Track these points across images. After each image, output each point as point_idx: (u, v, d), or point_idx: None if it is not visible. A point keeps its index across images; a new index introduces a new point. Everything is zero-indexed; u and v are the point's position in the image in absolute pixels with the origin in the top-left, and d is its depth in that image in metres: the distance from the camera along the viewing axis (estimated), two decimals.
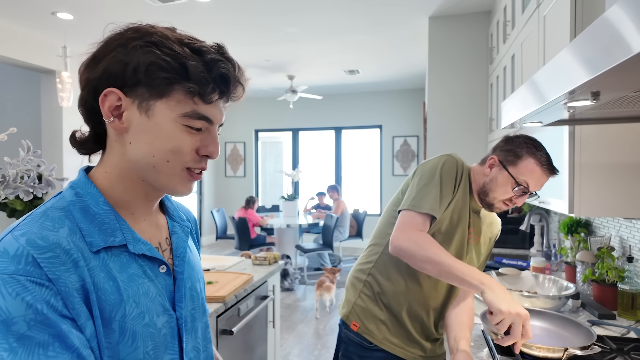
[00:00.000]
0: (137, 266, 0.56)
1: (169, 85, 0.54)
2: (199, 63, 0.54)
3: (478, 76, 3.43)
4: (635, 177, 1.36)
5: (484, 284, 0.96)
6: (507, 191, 1.12)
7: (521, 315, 0.91)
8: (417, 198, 1.10)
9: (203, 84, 0.54)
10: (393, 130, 6.79)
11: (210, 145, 0.58)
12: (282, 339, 3.25)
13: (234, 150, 7.69)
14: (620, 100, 0.90)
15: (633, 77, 0.66)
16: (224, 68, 0.55)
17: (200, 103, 0.55)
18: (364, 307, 1.22)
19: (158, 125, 0.54)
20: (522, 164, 1.10)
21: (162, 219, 0.66)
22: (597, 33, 0.64)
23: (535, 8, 1.87)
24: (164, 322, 0.57)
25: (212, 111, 0.57)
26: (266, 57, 4.92)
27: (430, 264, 1.01)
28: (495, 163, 1.15)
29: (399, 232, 1.08)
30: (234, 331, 1.62)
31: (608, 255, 1.56)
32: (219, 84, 0.55)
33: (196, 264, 0.68)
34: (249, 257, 2.41)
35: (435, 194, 1.09)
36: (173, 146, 0.55)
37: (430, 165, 1.15)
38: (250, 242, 4.99)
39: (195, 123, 0.56)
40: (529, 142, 1.13)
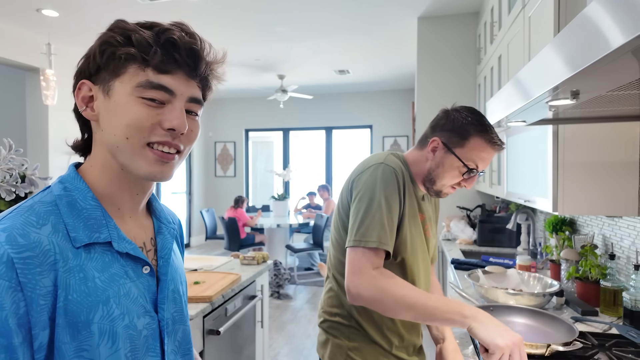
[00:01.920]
0: (119, 266, 0.55)
1: (119, 61, 0.54)
2: (147, 34, 0.54)
3: (466, 76, 3.47)
4: (616, 176, 1.39)
5: (467, 316, 0.86)
6: (456, 176, 1.01)
7: (517, 344, 0.82)
8: (362, 230, 0.93)
9: (149, 51, 0.53)
10: (383, 130, 6.82)
11: (173, 118, 0.55)
12: (271, 339, 3.24)
13: (224, 150, 7.64)
14: (600, 99, 0.91)
15: (611, 74, 0.67)
16: (174, 35, 0.54)
17: (152, 74, 0.54)
18: (361, 349, 1.05)
19: (116, 103, 0.54)
20: (470, 144, 0.98)
21: (148, 220, 0.65)
22: (577, 30, 0.64)
23: (521, 9, 1.89)
24: (144, 323, 0.56)
25: (170, 81, 0.55)
26: (256, 56, 4.90)
27: (403, 310, 0.89)
28: (438, 146, 1.02)
29: (354, 276, 0.92)
30: (221, 331, 1.61)
31: (591, 253, 1.59)
32: (168, 51, 0.54)
33: (179, 266, 0.67)
34: (238, 257, 2.40)
35: (381, 220, 0.94)
36: (129, 119, 0.53)
37: (367, 183, 0.98)
38: (240, 242, 4.97)
39: (150, 93, 0.54)
40: (473, 116, 1.00)
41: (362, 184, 0.99)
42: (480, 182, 3.08)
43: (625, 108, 1.13)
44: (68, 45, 4.31)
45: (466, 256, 2.60)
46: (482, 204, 3.03)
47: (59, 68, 3.47)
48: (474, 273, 1.71)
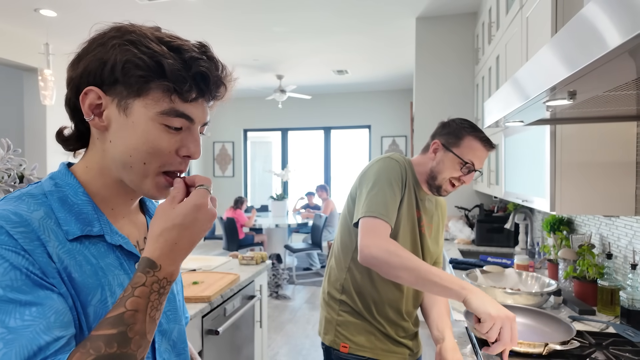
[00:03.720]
0: (114, 257, 0.56)
1: (145, 84, 0.53)
2: (177, 61, 0.54)
3: (464, 77, 3.47)
4: (613, 176, 1.39)
5: (465, 288, 0.92)
6: (455, 170, 1.17)
7: (510, 318, 0.87)
8: (374, 204, 1.08)
9: (180, 81, 0.53)
10: (382, 131, 6.83)
11: (191, 145, 0.57)
12: (270, 339, 3.24)
13: (223, 150, 7.64)
14: (596, 99, 0.92)
15: (608, 75, 0.68)
16: (203, 66, 0.55)
17: (178, 101, 0.55)
18: (348, 323, 1.19)
19: (135, 124, 0.54)
20: (464, 143, 1.17)
21: (141, 218, 0.65)
22: (574, 30, 0.65)
23: (519, 10, 1.90)
24: None
25: (192, 110, 0.56)
26: (254, 56, 4.90)
27: (406, 270, 0.97)
28: (438, 147, 1.20)
29: (367, 239, 1.04)
30: (220, 331, 1.61)
31: (589, 253, 1.59)
32: (197, 82, 0.55)
33: None
34: (237, 257, 2.40)
35: (386, 199, 1.09)
36: (150, 146, 0.54)
37: (374, 171, 1.15)
38: (238, 242, 4.97)
39: (174, 121, 0.55)
40: (465, 123, 1.20)
41: (369, 172, 1.16)
42: (479, 182, 3.09)
43: (622, 108, 1.13)
44: (66, 45, 4.31)
45: (464, 256, 2.60)
46: (480, 203, 3.04)
47: (57, 68, 3.46)
48: (472, 273, 1.72)
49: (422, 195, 1.23)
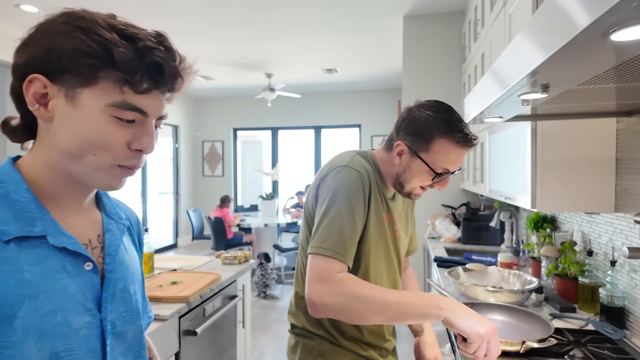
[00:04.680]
0: (56, 260, 0.52)
1: (94, 73, 0.51)
2: (129, 50, 0.51)
3: (452, 75, 3.47)
4: (594, 173, 1.39)
5: (443, 308, 0.82)
6: (425, 179, 0.96)
7: (494, 330, 0.81)
8: (324, 237, 0.88)
9: (131, 71, 0.51)
10: (372, 130, 6.82)
11: (144, 139, 0.54)
12: (256, 339, 3.21)
13: (212, 149, 7.58)
14: (572, 93, 0.90)
15: (579, 64, 0.66)
16: (158, 56, 0.52)
17: (130, 93, 0.52)
18: (330, 352, 1.02)
19: (84, 115, 0.51)
20: (435, 148, 0.92)
21: (97, 215, 0.62)
22: (546, 16, 0.63)
23: (502, 7, 1.89)
24: (84, 322, 0.53)
25: (146, 102, 0.53)
26: (242, 54, 4.86)
27: (375, 313, 0.82)
28: (404, 150, 0.96)
29: (317, 285, 0.84)
30: (198, 332, 1.57)
31: (570, 250, 1.59)
32: (151, 73, 0.52)
33: (132, 265, 0.64)
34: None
35: (343, 229, 0.88)
36: (100, 139, 0.52)
37: (330, 188, 0.92)
38: (226, 242, 4.92)
39: (125, 114, 0.52)
40: (436, 114, 0.93)
41: (326, 189, 0.93)
42: (465, 180, 3.09)
43: (601, 104, 1.12)
44: None
45: (450, 254, 2.60)
46: (467, 202, 3.04)
47: None
48: (454, 271, 1.71)
49: (389, 193, 1.04)
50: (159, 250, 6.57)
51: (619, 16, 0.44)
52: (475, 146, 0.96)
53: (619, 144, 1.36)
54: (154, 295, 1.56)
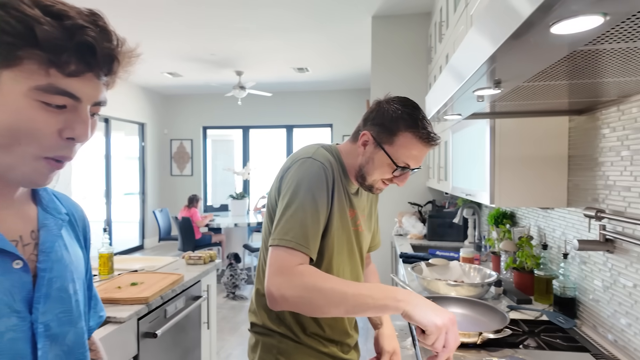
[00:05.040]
0: None
1: (14, 52, 0.46)
2: (55, 28, 0.47)
3: (418, 75, 3.54)
4: (548, 169, 1.44)
5: (401, 300, 0.81)
6: (386, 172, 0.96)
7: (452, 321, 0.81)
8: (286, 229, 0.86)
9: (57, 52, 0.47)
10: (343, 129, 6.86)
11: (77, 127, 0.50)
12: (223, 340, 3.15)
13: (181, 147, 7.39)
14: (522, 90, 0.93)
15: (525, 57, 0.68)
16: (90, 36, 0.48)
17: (58, 75, 0.48)
18: (291, 350, 1.00)
19: (5, 100, 0.47)
20: (399, 142, 0.93)
21: (31, 210, 0.58)
22: (494, 10, 0.64)
23: (464, 8, 1.94)
24: (10, 325, 0.49)
25: (77, 86, 0.49)
26: (212, 51, 4.76)
27: (334, 305, 0.80)
28: (369, 140, 0.97)
29: (276, 277, 0.82)
30: (158, 334, 1.52)
31: (527, 244, 1.65)
32: (82, 54, 0.48)
33: (72, 263, 0.60)
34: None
35: (305, 221, 0.87)
36: (26, 126, 0.47)
37: (293, 180, 0.91)
38: (195, 242, 4.81)
39: (54, 99, 0.48)
40: (404, 109, 0.95)
41: (289, 181, 0.92)
42: (430, 179, 3.16)
43: (554, 102, 1.17)
44: None
45: (416, 250, 2.64)
46: (433, 199, 3.11)
47: None
48: (417, 266, 1.73)
49: (352, 187, 1.03)
50: (125, 252, 6.34)
51: (559, 8, 0.45)
52: (436, 145, 0.97)
53: (571, 141, 1.42)
54: (111, 297, 1.50)
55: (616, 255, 1.15)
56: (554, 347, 1.13)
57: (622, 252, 1.12)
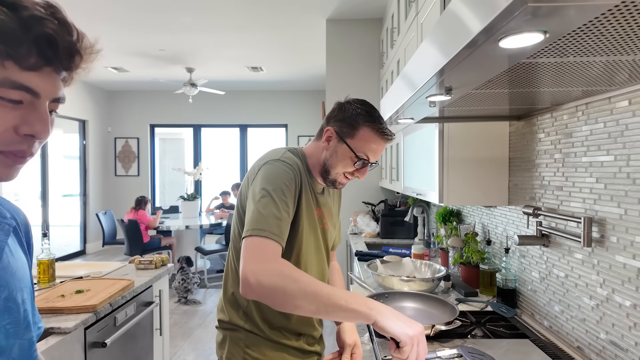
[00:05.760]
0: None
1: None
2: (11, 19, 0.44)
3: (371, 79, 3.64)
4: (490, 170, 1.55)
5: (373, 308, 0.81)
6: (348, 165, 1.02)
7: (422, 331, 0.81)
8: (260, 220, 0.89)
9: (14, 44, 0.44)
10: (298, 130, 6.88)
11: (36, 124, 0.47)
12: (176, 347, 3.04)
13: (126, 146, 7.01)
14: (474, 97, 1.00)
15: (475, 67, 0.73)
16: (50, 28, 0.46)
17: (14, 68, 0.45)
18: (258, 343, 1.02)
19: None
20: (360, 135, 1.01)
21: None
22: (445, 24, 0.69)
23: (414, 16, 2.03)
24: None
25: (36, 80, 0.47)
26: (160, 45, 4.57)
27: (306, 299, 0.81)
28: (332, 135, 1.03)
29: (252, 263, 0.83)
30: (107, 343, 1.45)
31: (472, 240, 1.76)
32: (41, 47, 0.46)
33: (19, 270, 0.56)
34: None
35: (276, 212, 0.90)
36: None
37: (263, 179, 0.96)
38: (143, 246, 4.59)
39: (9, 93, 0.45)
40: (362, 107, 1.04)
41: (259, 180, 0.96)
42: (383, 179, 3.26)
43: (496, 108, 1.26)
44: None
45: (370, 248, 2.72)
46: (385, 199, 3.21)
47: None
48: (372, 263, 1.79)
49: (318, 187, 1.09)
50: (64, 258, 5.90)
51: (506, 25, 0.49)
52: (391, 140, 1.05)
53: (511, 144, 1.54)
54: (54, 307, 1.40)
55: (550, 248, 1.27)
56: (498, 335, 1.22)
57: (556, 246, 1.24)
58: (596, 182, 1.05)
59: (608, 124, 1.01)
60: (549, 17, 0.47)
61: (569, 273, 1.17)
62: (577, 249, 1.14)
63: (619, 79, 0.87)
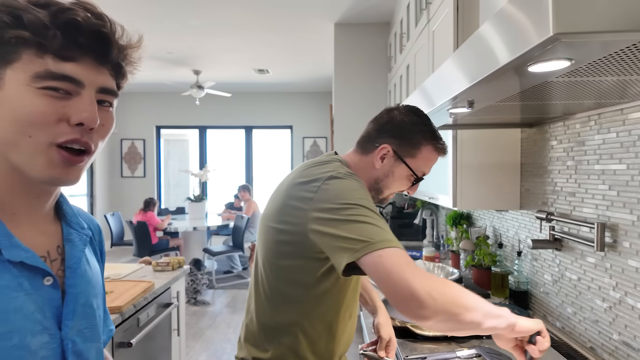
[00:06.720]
0: (10, 277, 0.48)
1: (10, 47, 0.47)
2: (41, 14, 0.48)
3: (378, 83, 3.68)
4: (502, 175, 1.60)
5: (510, 315, 0.78)
6: (404, 184, 0.96)
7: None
8: (378, 233, 0.75)
9: (44, 34, 0.47)
10: (303, 131, 6.93)
11: (83, 112, 0.49)
12: (188, 347, 3.09)
13: (132, 147, 7.07)
14: (490, 108, 1.05)
15: (498, 88, 0.78)
16: (76, 15, 0.48)
17: (56, 61, 0.48)
18: None
19: (10, 95, 0.47)
20: (421, 154, 0.94)
21: (56, 226, 0.57)
22: (473, 47, 0.73)
23: (426, 24, 2.07)
24: (42, 343, 0.50)
25: (77, 70, 0.49)
26: (169, 49, 4.62)
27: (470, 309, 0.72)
28: (388, 154, 0.94)
29: (415, 277, 0.69)
30: (133, 343, 1.50)
31: (484, 243, 1.80)
32: (71, 35, 0.48)
33: (94, 277, 0.60)
34: (149, 263, 2.25)
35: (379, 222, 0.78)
36: (28, 114, 0.47)
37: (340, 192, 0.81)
38: (151, 247, 4.65)
39: (54, 84, 0.48)
40: (423, 123, 0.95)
41: (336, 195, 0.80)
42: None
43: (509, 116, 1.31)
44: None
45: None
46: (393, 201, 3.26)
47: None
48: None
49: None
50: None
51: (537, 56, 0.54)
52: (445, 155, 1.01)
53: (522, 150, 1.59)
54: None
55: (563, 252, 1.31)
56: None
57: (568, 250, 1.29)
58: (609, 189, 1.10)
59: (620, 134, 1.05)
60: (577, 49, 0.51)
61: (582, 276, 1.22)
62: (589, 253, 1.18)
63: (631, 92, 0.91)
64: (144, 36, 0.60)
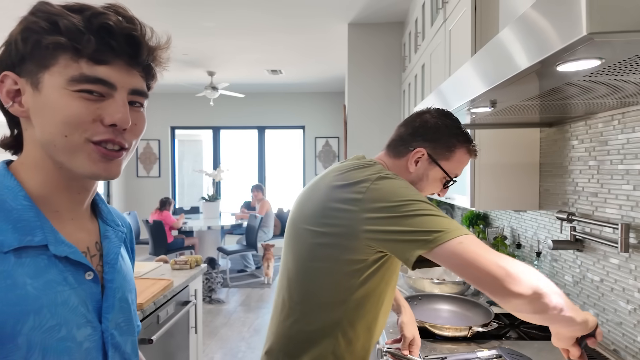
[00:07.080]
0: (56, 272, 0.50)
1: (47, 51, 0.49)
2: (76, 19, 0.50)
3: (392, 82, 3.67)
4: (521, 176, 1.58)
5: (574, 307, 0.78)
6: (436, 187, 0.97)
7: None
8: (445, 222, 0.75)
9: (79, 38, 0.49)
10: (316, 132, 6.94)
11: (115, 114, 0.51)
12: (204, 345, 3.13)
13: (147, 148, 7.18)
14: (512, 107, 1.04)
15: (520, 89, 0.78)
16: (109, 20, 0.50)
17: (89, 64, 0.50)
18: None
19: (48, 98, 0.50)
20: (456, 157, 0.95)
21: (93, 223, 0.60)
22: (492, 51, 0.74)
23: (442, 23, 2.06)
24: (86, 335, 0.52)
25: (110, 73, 0.51)
26: (184, 50, 4.68)
27: (559, 296, 0.72)
28: (422, 157, 0.94)
29: (499, 257, 0.71)
30: (154, 340, 1.53)
31: (502, 244, 1.79)
32: (103, 39, 0.50)
33: (128, 273, 0.63)
34: (166, 261, 2.29)
35: (442, 214, 0.79)
36: (64, 116, 0.49)
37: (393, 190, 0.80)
38: (167, 246, 4.72)
39: (88, 87, 0.50)
40: (456, 127, 0.95)
41: (390, 193, 0.80)
42: None
43: (528, 116, 1.30)
44: None
45: None
46: None
47: None
48: (402, 265, 1.83)
49: None
50: None
51: (567, 55, 0.54)
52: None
53: (541, 150, 1.57)
54: None
55: (585, 253, 1.30)
56: (532, 337, 1.25)
57: (590, 251, 1.27)
58: (633, 189, 1.08)
59: None
60: (608, 48, 0.51)
61: (605, 277, 1.20)
62: (613, 254, 1.17)
63: None
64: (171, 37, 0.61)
